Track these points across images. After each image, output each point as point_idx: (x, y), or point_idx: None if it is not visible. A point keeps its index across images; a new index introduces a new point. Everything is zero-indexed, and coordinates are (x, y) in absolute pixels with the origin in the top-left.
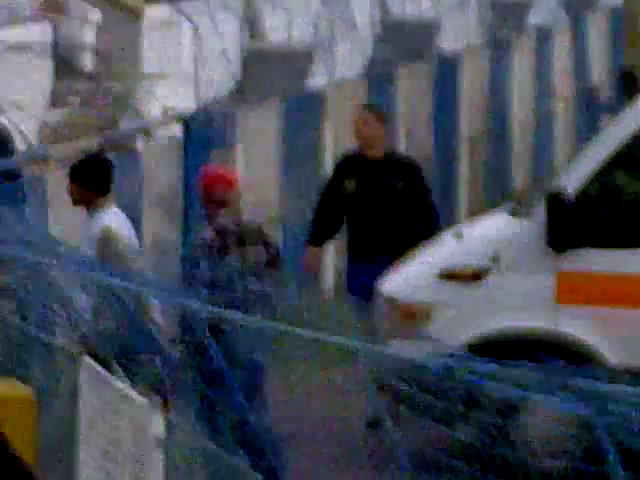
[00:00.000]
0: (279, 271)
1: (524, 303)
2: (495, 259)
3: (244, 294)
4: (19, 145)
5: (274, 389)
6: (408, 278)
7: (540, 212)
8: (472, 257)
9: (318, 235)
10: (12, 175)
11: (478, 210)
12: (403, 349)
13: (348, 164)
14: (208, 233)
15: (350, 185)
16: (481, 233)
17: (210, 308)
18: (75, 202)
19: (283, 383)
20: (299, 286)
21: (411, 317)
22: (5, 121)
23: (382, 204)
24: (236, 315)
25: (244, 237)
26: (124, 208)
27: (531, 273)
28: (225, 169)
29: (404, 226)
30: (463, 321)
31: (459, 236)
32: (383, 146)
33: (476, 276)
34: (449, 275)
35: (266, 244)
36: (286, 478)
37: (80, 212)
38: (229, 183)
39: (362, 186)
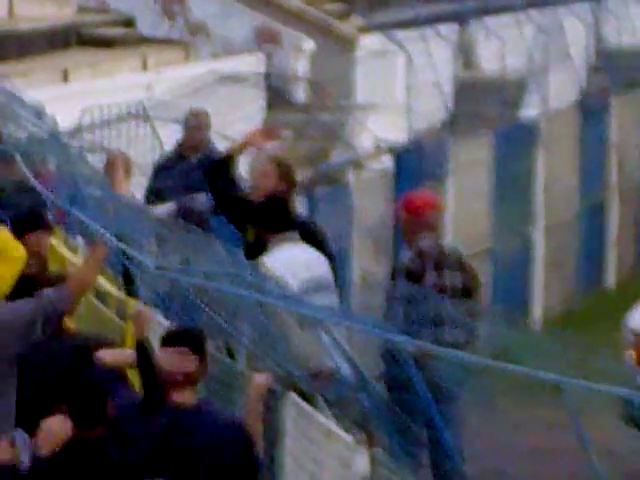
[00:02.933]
0: (474, 300)
1: None
2: None
3: (437, 318)
4: None
5: (477, 423)
6: None
7: None
8: None
9: None
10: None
11: None
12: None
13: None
14: (408, 255)
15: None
16: None
17: (417, 342)
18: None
19: (487, 417)
20: (507, 317)
21: None
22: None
23: None
24: (442, 350)
25: (442, 261)
26: (334, 240)
27: None
28: (429, 194)
29: None
30: None
31: None
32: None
33: None
34: None
35: (464, 272)
36: None
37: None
38: (433, 207)
39: None
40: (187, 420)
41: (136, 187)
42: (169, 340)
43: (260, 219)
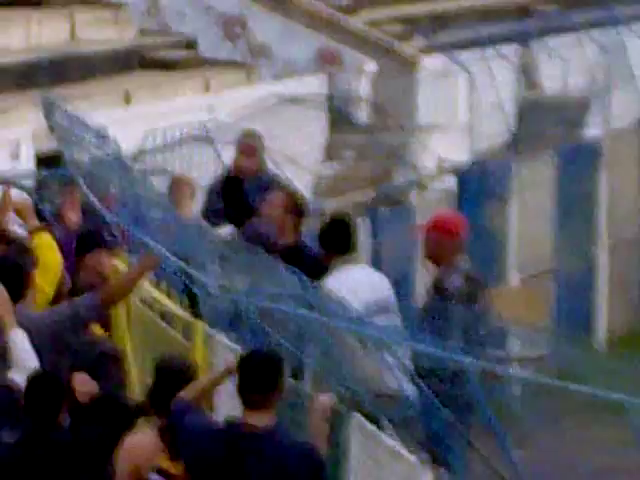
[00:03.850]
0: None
1: None
2: None
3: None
4: None
5: (542, 443)
6: None
7: None
8: None
9: None
10: None
11: None
12: None
13: None
14: (458, 280)
15: None
16: None
17: (482, 363)
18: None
19: (552, 436)
20: (571, 337)
21: None
22: (283, 174)
23: None
24: (509, 371)
25: (482, 284)
26: (395, 261)
27: None
28: (458, 215)
29: None
30: None
31: None
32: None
33: None
34: None
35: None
36: None
37: None
38: (465, 228)
39: None
40: (260, 443)
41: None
42: (248, 363)
43: (324, 241)
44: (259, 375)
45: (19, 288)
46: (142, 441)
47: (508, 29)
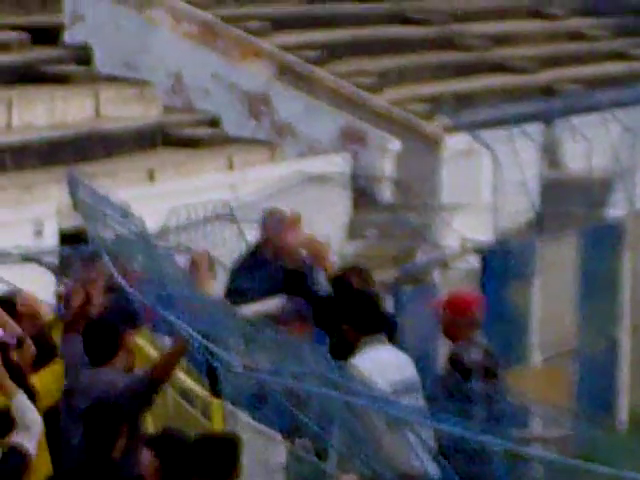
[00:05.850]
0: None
1: None
2: None
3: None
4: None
5: None
6: None
7: None
8: None
9: None
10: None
11: None
12: None
13: None
14: (477, 354)
15: None
16: None
17: (506, 443)
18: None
19: None
20: (593, 417)
21: None
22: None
23: None
24: (532, 451)
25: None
26: (419, 339)
27: None
28: (472, 292)
29: None
30: None
31: None
32: None
33: None
34: None
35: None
36: None
37: None
38: (478, 305)
39: None
40: None
41: (222, 287)
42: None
43: (352, 319)
44: (213, 461)
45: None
46: None
47: (532, 108)
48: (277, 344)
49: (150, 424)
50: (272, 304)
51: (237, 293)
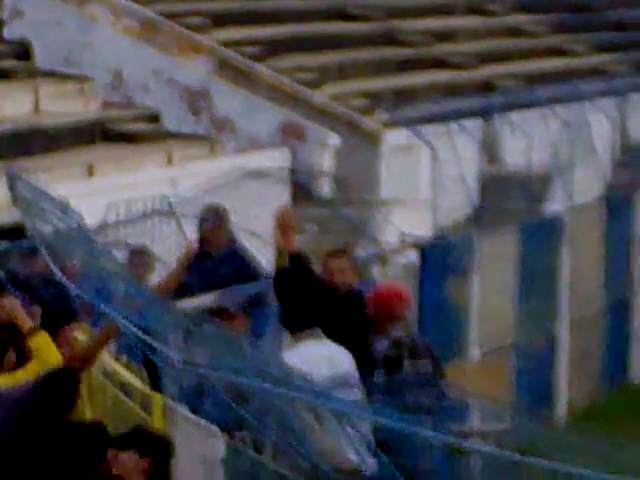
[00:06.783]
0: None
1: None
2: None
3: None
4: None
5: None
6: None
7: None
8: None
9: None
10: (258, 301)
11: None
12: None
13: None
14: (384, 345)
15: None
16: None
17: (449, 438)
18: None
19: None
20: (532, 411)
21: None
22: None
23: None
24: (471, 445)
25: (416, 350)
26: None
27: None
28: (397, 287)
29: None
30: None
31: None
32: None
33: None
34: None
35: (433, 359)
36: None
37: None
38: (400, 299)
39: None
40: None
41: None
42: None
43: (282, 319)
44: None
45: None
46: None
47: (471, 104)
48: (216, 339)
49: (89, 418)
50: (209, 299)
51: (180, 288)
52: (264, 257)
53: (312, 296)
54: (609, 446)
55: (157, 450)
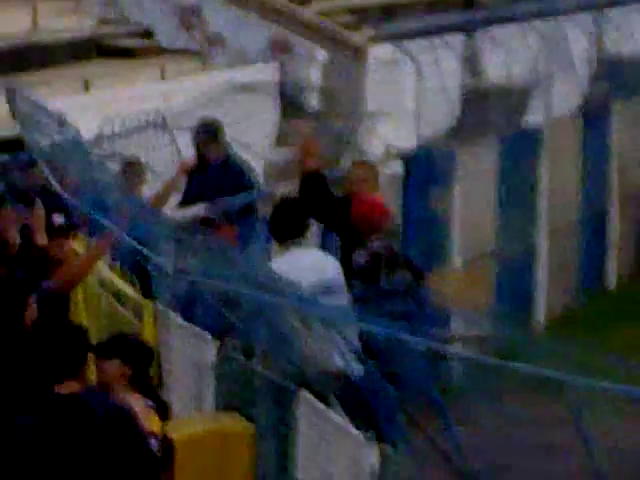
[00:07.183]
0: (422, 294)
1: None
2: None
3: (392, 313)
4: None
5: (483, 420)
6: None
7: None
8: None
9: None
10: (248, 210)
11: None
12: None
13: None
14: (364, 258)
15: None
16: None
17: (431, 343)
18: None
19: (493, 414)
20: (512, 317)
21: None
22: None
23: None
24: (453, 349)
25: (393, 261)
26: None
27: None
28: (381, 199)
29: None
30: None
31: None
32: None
33: None
34: None
35: (412, 269)
36: None
37: None
38: (387, 213)
39: None
40: (69, 405)
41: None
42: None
43: (270, 228)
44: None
45: None
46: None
47: (453, 19)
48: (206, 248)
49: (85, 324)
50: (197, 209)
51: (183, 197)
52: (254, 167)
53: (321, 209)
54: (585, 351)
55: (138, 357)
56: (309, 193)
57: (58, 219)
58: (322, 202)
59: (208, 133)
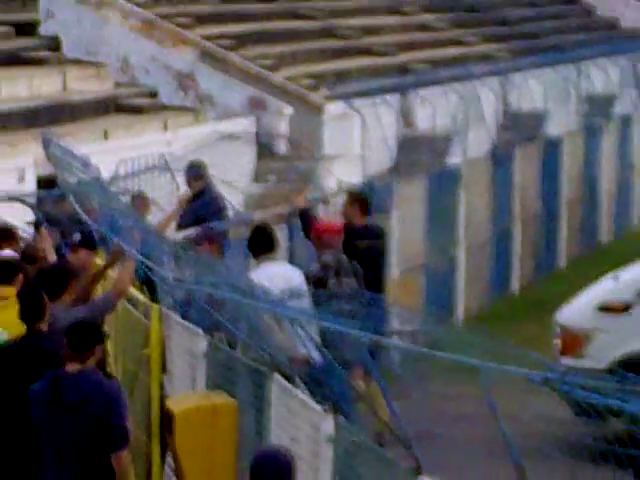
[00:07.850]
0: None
1: None
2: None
3: (340, 312)
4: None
5: (415, 396)
6: (575, 310)
7: None
8: (623, 293)
9: None
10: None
11: (575, 257)
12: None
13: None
14: (315, 267)
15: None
16: (631, 275)
17: (374, 336)
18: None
19: (423, 392)
20: (437, 316)
21: (576, 340)
22: (221, 193)
23: None
24: (394, 342)
25: (340, 271)
26: (307, 258)
27: None
28: (333, 222)
29: None
30: (614, 343)
31: (615, 278)
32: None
33: (625, 308)
34: (605, 308)
35: (357, 276)
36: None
37: None
38: (336, 232)
39: None
40: (70, 380)
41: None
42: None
43: (251, 244)
44: (79, 339)
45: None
46: None
47: (391, 83)
48: (198, 261)
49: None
50: (191, 231)
51: (179, 223)
52: (235, 199)
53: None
54: (495, 342)
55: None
56: (302, 222)
57: (76, 237)
58: (306, 226)
59: (195, 171)
